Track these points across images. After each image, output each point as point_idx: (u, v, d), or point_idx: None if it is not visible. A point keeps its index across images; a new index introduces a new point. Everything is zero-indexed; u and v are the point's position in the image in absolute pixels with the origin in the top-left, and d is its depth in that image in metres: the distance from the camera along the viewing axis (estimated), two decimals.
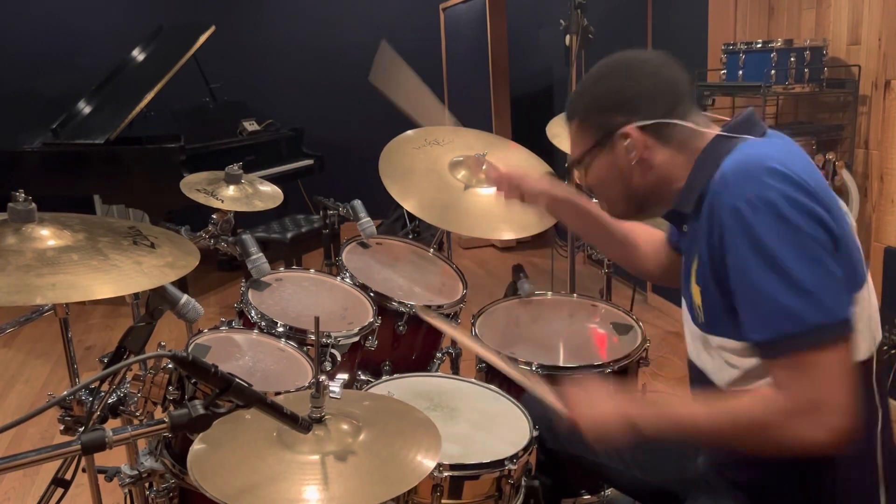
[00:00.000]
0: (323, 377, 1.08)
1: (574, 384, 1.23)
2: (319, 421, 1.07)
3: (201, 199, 1.95)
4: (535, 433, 1.43)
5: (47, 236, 1.24)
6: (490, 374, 1.82)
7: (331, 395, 1.09)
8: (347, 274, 2.03)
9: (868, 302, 1.10)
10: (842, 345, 0.99)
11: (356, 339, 1.83)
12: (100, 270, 1.19)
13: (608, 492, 1.66)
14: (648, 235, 1.51)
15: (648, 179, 1.21)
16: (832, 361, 0.99)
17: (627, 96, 1.19)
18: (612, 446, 1.21)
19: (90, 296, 1.13)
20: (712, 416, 1.10)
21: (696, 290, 1.15)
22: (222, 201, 1.96)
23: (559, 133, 2.16)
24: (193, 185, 1.99)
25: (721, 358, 1.13)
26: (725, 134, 1.15)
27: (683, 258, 1.24)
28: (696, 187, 1.15)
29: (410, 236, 4.54)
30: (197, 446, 1.06)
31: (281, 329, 1.73)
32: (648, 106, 1.17)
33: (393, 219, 4.90)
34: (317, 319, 1.11)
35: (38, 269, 1.15)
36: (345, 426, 1.10)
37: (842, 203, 1.11)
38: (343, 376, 1.17)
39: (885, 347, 2.66)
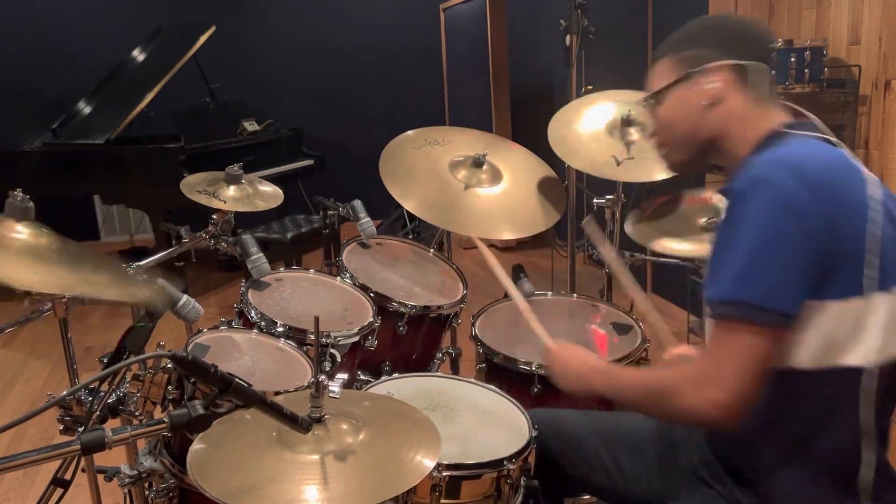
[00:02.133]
0: (322, 377, 1.08)
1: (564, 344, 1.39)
2: (319, 420, 1.07)
3: (203, 200, 1.95)
4: (535, 433, 1.42)
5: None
6: (490, 374, 1.82)
7: (330, 394, 1.09)
8: (347, 274, 2.03)
9: (881, 313, 1.06)
10: (766, 332, 1.02)
11: (356, 339, 1.82)
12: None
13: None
14: None
15: (717, 124, 1.20)
16: (746, 342, 1.02)
17: (724, 35, 1.21)
18: (570, 389, 1.34)
19: None
20: (639, 378, 1.21)
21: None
22: (225, 202, 1.96)
23: (557, 128, 2.16)
24: (194, 187, 1.99)
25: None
26: (791, 131, 1.14)
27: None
28: (748, 160, 1.15)
29: (410, 236, 4.54)
30: (196, 446, 1.06)
31: (281, 329, 1.73)
32: (743, 49, 1.18)
33: (393, 219, 4.90)
34: (316, 319, 1.11)
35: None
36: (344, 426, 1.10)
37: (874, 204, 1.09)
38: (343, 376, 1.16)
39: None
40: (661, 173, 2.02)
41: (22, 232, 1.24)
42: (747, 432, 1.11)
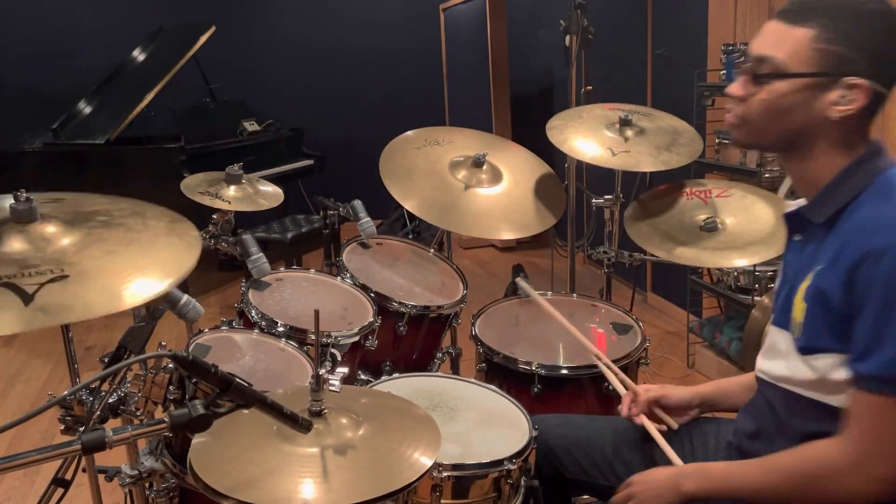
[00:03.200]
0: (323, 371, 1.08)
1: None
2: (319, 415, 1.08)
3: (207, 201, 1.95)
4: (535, 433, 1.43)
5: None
6: (490, 374, 1.82)
7: (330, 388, 1.09)
8: (348, 274, 2.03)
9: None
10: None
11: (356, 338, 1.83)
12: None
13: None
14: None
15: (819, 139, 1.11)
16: None
17: (885, 51, 1.06)
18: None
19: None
20: (772, 469, 1.12)
21: (799, 307, 1.12)
22: (229, 202, 1.96)
23: (556, 126, 2.16)
24: (195, 188, 1.99)
25: (807, 372, 1.12)
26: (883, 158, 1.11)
27: (786, 269, 1.21)
28: (837, 198, 1.10)
29: (410, 236, 4.54)
30: (197, 439, 1.06)
31: (281, 329, 1.73)
32: (892, 74, 1.08)
33: (393, 219, 4.90)
34: (317, 312, 1.12)
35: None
36: (344, 420, 1.10)
37: None
38: (343, 370, 1.17)
39: None
40: (651, 166, 2.02)
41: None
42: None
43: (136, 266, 1.09)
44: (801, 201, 1.18)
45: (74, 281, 1.01)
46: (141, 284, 1.06)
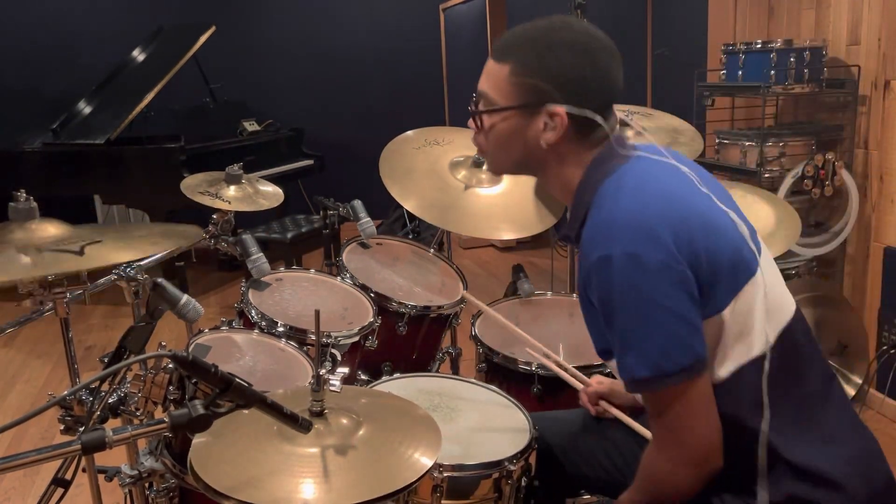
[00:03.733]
0: (323, 371, 1.08)
1: None
2: (319, 415, 1.08)
3: (207, 201, 1.96)
4: (535, 433, 1.43)
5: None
6: (490, 374, 1.82)
7: (331, 388, 1.09)
8: (348, 274, 2.03)
9: (758, 296, 1.08)
10: (690, 381, 1.04)
11: (356, 339, 1.83)
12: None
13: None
14: None
15: (548, 161, 1.18)
16: (679, 401, 1.04)
17: (573, 76, 1.12)
18: None
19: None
20: (630, 495, 1.18)
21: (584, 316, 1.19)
22: (229, 202, 1.96)
23: None
24: (195, 188, 1.99)
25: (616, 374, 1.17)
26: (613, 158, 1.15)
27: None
28: (578, 212, 1.16)
29: (410, 236, 4.54)
30: (197, 439, 1.06)
31: (281, 329, 1.73)
32: (587, 95, 1.13)
33: (393, 219, 4.90)
34: (317, 312, 1.12)
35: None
36: (344, 420, 1.10)
37: (708, 205, 1.10)
38: (343, 370, 1.17)
39: (885, 347, 2.66)
40: None
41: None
42: None
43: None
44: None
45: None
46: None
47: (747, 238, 1.11)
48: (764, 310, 1.09)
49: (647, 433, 1.40)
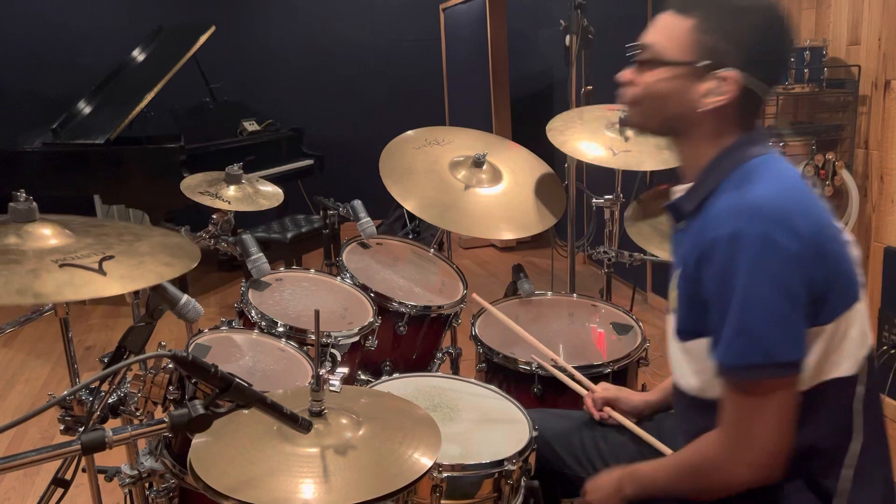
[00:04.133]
0: (323, 371, 1.08)
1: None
2: (319, 415, 1.08)
3: (207, 201, 1.96)
4: (535, 433, 1.43)
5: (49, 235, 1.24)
6: (490, 374, 1.82)
7: (330, 388, 1.09)
8: (348, 274, 2.03)
9: (858, 320, 1.07)
10: (784, 383, 1.02)
11: (356, 339, 1.83)
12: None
13: None
14: None
15: (696, 128, 1.14)
16: (768, 400, 1.02)
17: (758, 46, 1.09)
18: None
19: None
20: (665, 466, 1.18)
21: (673, 295, 1.16)
22: (229, 203, 1.96)
23: (556, 127, 2.16)
24: (195, 188, 1.99)
25: (688, 363, 1.16)
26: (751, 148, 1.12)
27: (672, 258, 1.24)
28: (705, 186, 1.13)
29: (410, 236, 4.54)
30: (197, 439, 1.06)
31: (281, 329, 1.73)
32: (765, 69, 1.10)
33: (393, 219, 4.90)
34: (317, 312, 1.12)
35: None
36: (344, 420, 1.10)
37: (834, 222, 1.08)
38: (343, 370, 1.17)
39: (885, 347, 2.66)
40: (653, 165, 2.03)
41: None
42: None
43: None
44: (683, 190, 1.20)
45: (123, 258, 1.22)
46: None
47: (857, 262, 1.10)
48: (861, 332, 1.08)
49: (652, 440, 1.40)
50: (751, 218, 1.01)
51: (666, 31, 1.13)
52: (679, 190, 1.20)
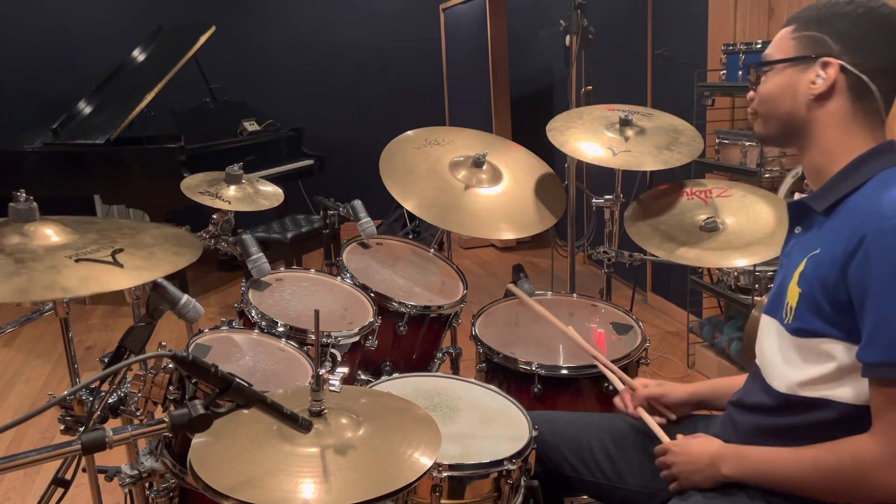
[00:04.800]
0: (323, 371, 1.08)
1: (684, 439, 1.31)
2: (319, 415, 1.08)
3: (207, 201, 1.96)
4: (535, 433, 1.43)
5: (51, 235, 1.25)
6: (490, 374, 1.82)
7: (330, 388, 1.09)
8: (347, 274, 2.03)
9: None
10: None
11: (356, 339, 1.83)
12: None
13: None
14: None
15: (814, 121, 1.16)
16: None
17: (854, 32, 1.13)
18: (695, 485, 1.24)
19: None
20: (802, 462, 1.11)
21: (793, 292, 1.14)
22: (229, 202, 1.96)
23: (556, 127, 2.16)
24: (195, 188, 1.99)
25: (798, 358, 1.14)
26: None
27: (784, 260, 1.24)
28: (840, 189, 1.13)
29: (410, 236, 4.54)
30: (197, 439, 1.06)
31: (281, 329, 1.73)
32: (866, 54, 1.12)
33: (393, 219, 4.90)
34: (317, 312, 1.12)
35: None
36: (344, 420, 1.10)
37: None
38: (343, 369, 1.17)
39: None
40: (653, 165, 2.02)
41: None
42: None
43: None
44: (806, 194, 1.21)
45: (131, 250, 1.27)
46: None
47: None
48: None
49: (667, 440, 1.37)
50: None
51: (775, 42, 1.22)
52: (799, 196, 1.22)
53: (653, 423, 1.43)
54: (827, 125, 1.16)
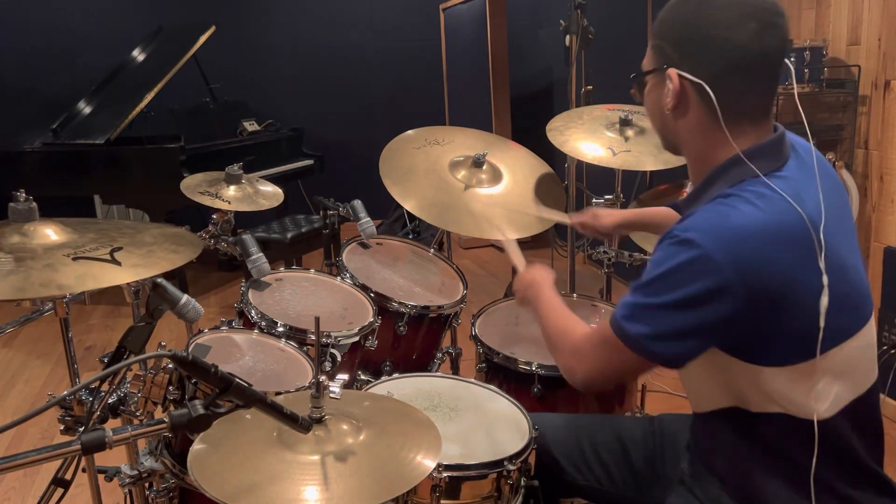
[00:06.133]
0: (323, 377, 1.08)
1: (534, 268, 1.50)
2: (319, 421, 1.07)
3: (207, 201, 1.96)
4: (535, 433, 1.43)
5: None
6: (490, 374, 1.82)
7: (330, 395, 1.09)
8: (347, 274, 2.03)
9: (830, 369, 1.06)
10: (637, 362, 1.09)
11: (356, 339, 1.83)
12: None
13: None
14: None
15: (683, 128, 1.13)
16: (621, 355, 1.09)
17: (684, 38, 1.08)
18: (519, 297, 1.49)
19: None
20: (555, 320, 1.31)
21: None
22: (229, 202, 1.96)
23: (556, 127, 2.16)
24: (195, 188, 1.99)
25: None
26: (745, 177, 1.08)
27: None
28: (701, 199, 1.12)
29: (410, 236, 4.54)
30: (197, 446, 1.06)
31: (281, 329, 1.73)
32: (697, 59, 1.07)
33: (393, 219, 4.90)
34: (317, 319, 1.11)
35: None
36: (345, 426, 1.10)
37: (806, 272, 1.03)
38: (343, 376, 1.17)
39: (885, 347, 2.66)
40: (653, 165, 2.03)
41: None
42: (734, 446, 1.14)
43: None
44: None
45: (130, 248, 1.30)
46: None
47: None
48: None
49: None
50: (716, 240, 1.00)
51: (647, 53, 1.17)
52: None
53: (514, 254, 1.63)
54: (690, 138, 1.13)
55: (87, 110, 4.63)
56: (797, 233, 1.02)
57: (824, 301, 1.02)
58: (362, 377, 1.93)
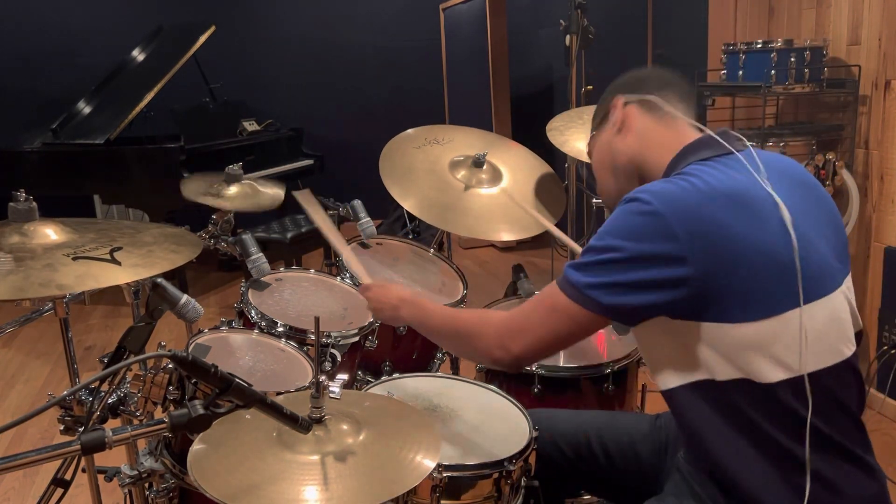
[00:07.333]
0: (323, 377, 1.08)
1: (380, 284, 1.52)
2: (319, 421, 1.07)
3: (207, 201, 1.96)
4: (535, 433, 1.43)
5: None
6: (490, 375, 1.82)
7: (330, 395, 1.09)
8: (347, 274, 2.03)
9: (787, 332, 1.06)
10: (576, 312, 1.11)
11: (356, 339, 1.83)
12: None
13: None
14: None
15: (631, 147, 1.27)
16: (570, 315, 1.11)
17: (623, 81, 1.33)
18: (384, 319, 1.51)
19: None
20: (447, 317, 1.33)
21: None
22: (229, 202, 1.96)
23: (556, 127, 2.16)
24: (195, 188, 1.99)
25: None
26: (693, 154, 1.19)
27: None
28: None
29: (410, 236, 4.54)
30: (197, 446, 1.06)
31: (281, 329, 1.73)
32: (641, 84, 1.29)
33: (393, 219, 4.90)
34: (317, 319, 1.11)
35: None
36: (345, 426, 1.10)
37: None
38: (343, 377, 1.17)
39: (885, 347, 2.66)
40: None
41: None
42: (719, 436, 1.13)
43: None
44: None
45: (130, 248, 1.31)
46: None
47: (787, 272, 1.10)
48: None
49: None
50: (656, 196, 1.07)
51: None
52: None
53: (354, 265, 1.66)
54: (638, 149, 1.26)
55: (87, 110, 4.63)
56: (748, 197, 1.08)
57: (794, 244, 1.06)
58: (362, 377, 1.93)
